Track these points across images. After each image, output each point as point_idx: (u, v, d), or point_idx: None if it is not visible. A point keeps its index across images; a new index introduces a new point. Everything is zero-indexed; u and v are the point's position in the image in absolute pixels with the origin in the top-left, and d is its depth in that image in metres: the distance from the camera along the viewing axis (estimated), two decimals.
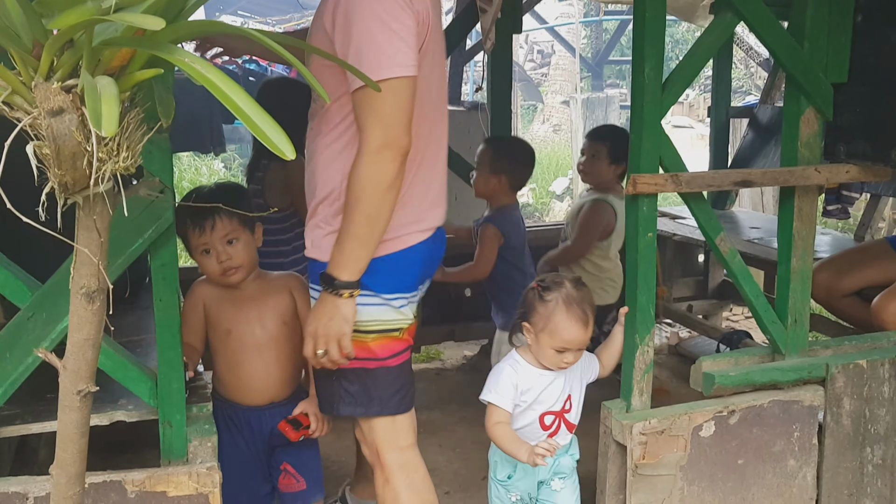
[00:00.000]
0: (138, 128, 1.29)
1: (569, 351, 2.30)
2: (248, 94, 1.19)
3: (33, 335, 1.98)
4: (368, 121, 1.95)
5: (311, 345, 2.10)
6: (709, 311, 5.02)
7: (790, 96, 2.63)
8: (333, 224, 2.09)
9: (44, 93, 1.20)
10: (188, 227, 2.31)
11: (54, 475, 1.50)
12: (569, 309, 2.27)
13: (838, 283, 3.56)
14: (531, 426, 2.40)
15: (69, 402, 1.45)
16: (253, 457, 2.49)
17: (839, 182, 3.29)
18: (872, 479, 2.75)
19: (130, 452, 3.48)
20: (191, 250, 2.38)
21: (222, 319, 2.42)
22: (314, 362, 2.14)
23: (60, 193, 1.27)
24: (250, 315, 2.43)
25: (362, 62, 1.90)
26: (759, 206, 7.42)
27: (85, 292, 1.38)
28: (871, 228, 4.63)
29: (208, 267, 2.37)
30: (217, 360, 2.46)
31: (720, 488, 2.58)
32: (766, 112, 4.97)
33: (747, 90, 14.60)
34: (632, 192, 2.41)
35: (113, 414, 2.18)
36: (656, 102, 2.40)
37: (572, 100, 12.58)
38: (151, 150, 1.91)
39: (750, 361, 2.71)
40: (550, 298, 2.29)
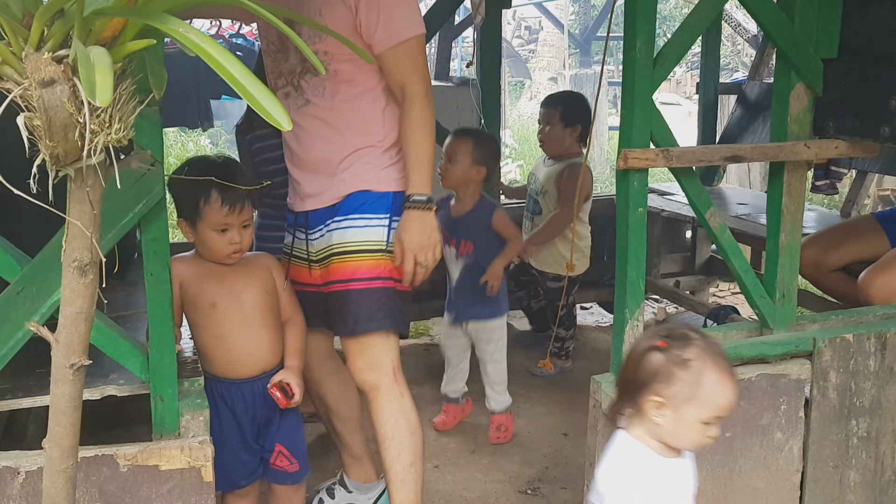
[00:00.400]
0: (130, 99, 1.27)
1: (719, 419, 1.79)
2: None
3: (23, 310, 1.97)
4: (410, 72, 2.40)
5: (412, 259, 2.41)
6: (696, 287, 5.06)
7: (780, 72, 2.63)
8: (384, 161, 2.49)
9: (34, 63, 1.18)
10: (215, 201, 2.29)
11: (47, 449, 1.50)
12: (719, 365, 1.76)
13: (825, 259, 3.59)
14: None
15: (62, 375, 1.44)
16: (247, 431, 2.50)
17: (828, 157, 3.31)
18: (857, 451, 2.79)
19: (120, 428, 3.49)
20: (198, 222, 2.33)
21: (206, 294, 2.42)
22: (410, 278, 2.44)
23: (52, 165, 1.26)
24: (235, 287, 2.44)
25: (395, 21, 2.33)
26: (746, 182, 7.45)
27: (77, 265, 1.37)
28: (857, 205, 4.66)
29: (217, 244, 2.35)
30: (202, 336, 2.46)
31: (707, 461, 2.60)
32: (755, 88, 4.98)
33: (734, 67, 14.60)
34: (623, 167, 2.41)
35: (104, 388, 2.17)
36: (647, 77, 2.40)
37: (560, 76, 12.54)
38: (141, 123, 1.88)
39: (738, 336, 2.73)
40: (692, 357, 1.75)
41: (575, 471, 3.27)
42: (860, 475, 2.81)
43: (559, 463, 3.38)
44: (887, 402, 2.79)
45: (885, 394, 2.78)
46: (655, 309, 5.17)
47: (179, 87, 5.42)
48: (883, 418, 2.80)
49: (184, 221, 2.38)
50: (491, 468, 3.34)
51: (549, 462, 3.39)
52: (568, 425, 3.68)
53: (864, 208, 6.00)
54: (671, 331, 1.82)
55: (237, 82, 1.18)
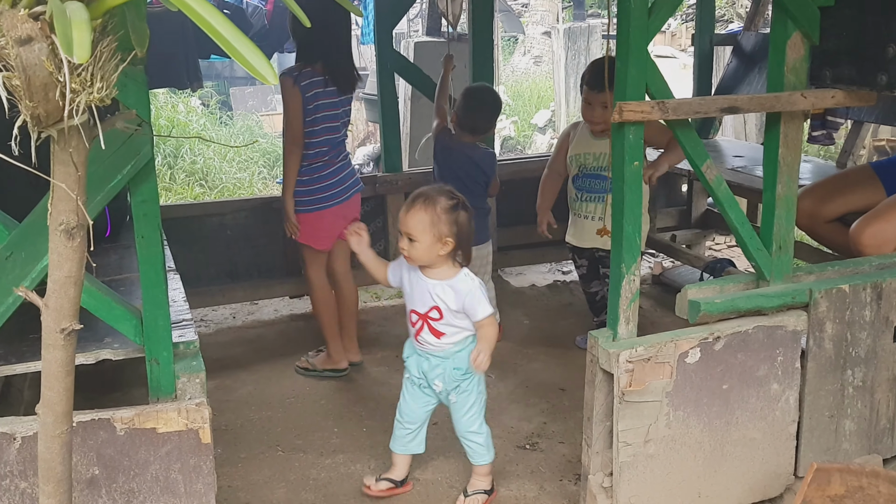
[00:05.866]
0: (112, 57, 1.24)
1: (402, 237, 2.61)
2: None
3: (12, 275, 1.95)
4: None
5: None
6: (692, 241, 5.04)
7: (777, 20, 2.59)
8: None
9: (10, 20, 1.15)
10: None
11: (41, 414, 1.49)
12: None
13: (821, 210, 3.57)
14: (406, 317, 2.76)
15: (53, 340, 1.43)
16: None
17: (825, 107, 3.28)
18: (853, 400, 2.80)
19: (117, 391, 3.50)
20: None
21: None
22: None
23: (33, 126, 1.23)
24: None
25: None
26: (741, 134, 7.41)
27: (64, 229, 1.35)
28: (853, 155, 4.63)
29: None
30: None
31: (705, 413, 2.61)
32: (750, 39, 4.92)
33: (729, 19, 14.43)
34: (618, 120, 2.38)
35: (98, 353, 2.16)
36: (642, 28, 2.35)
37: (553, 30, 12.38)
38: (126, 83, 1.85)
39: (735, 288, 2.72)
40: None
41: (573, 425, 3.29)
42: (855, 424, 2.83)
43: (556, 418, 3.39)
44: (882, 351, 2.80)
45: (880, 343, 2.79)
46: (651, 263, 5.17)
47: (166, 47, 5.33)
48: (878, 367, 2.81)
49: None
50: (489, 424, 3.33)
51: (546, 417, 3.41)
52: (565, 380, 3.69)
53: (859, 159, 5.96)
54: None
55: (224, 39, 1.15)
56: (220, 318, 4.59)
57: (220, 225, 4.37)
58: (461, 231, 2.62)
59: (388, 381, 3.67)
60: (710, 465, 2.66)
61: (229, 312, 4.65)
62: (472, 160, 3.89)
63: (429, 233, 2.58)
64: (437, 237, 2.58)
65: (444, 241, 2.59)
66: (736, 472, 2.70)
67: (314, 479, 3.00)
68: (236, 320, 4.57)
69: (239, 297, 4.46)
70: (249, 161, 8.88)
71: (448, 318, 2.66)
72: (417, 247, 2.60)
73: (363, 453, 3.15)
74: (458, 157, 3.89)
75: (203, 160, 8.60)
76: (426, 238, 2.58)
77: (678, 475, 2.62)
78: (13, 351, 2.16)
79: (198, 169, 8.47)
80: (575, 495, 2.88)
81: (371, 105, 7.83)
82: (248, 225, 4.40)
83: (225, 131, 10.21)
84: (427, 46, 6.72)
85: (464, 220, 2.64)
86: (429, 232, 2.58)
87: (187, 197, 7.76)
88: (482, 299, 2.63)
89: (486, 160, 3.94)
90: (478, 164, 3.90)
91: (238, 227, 4.40)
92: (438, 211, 2.58)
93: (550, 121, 11.34)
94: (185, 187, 8.03)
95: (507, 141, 10.80)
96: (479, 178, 3.92)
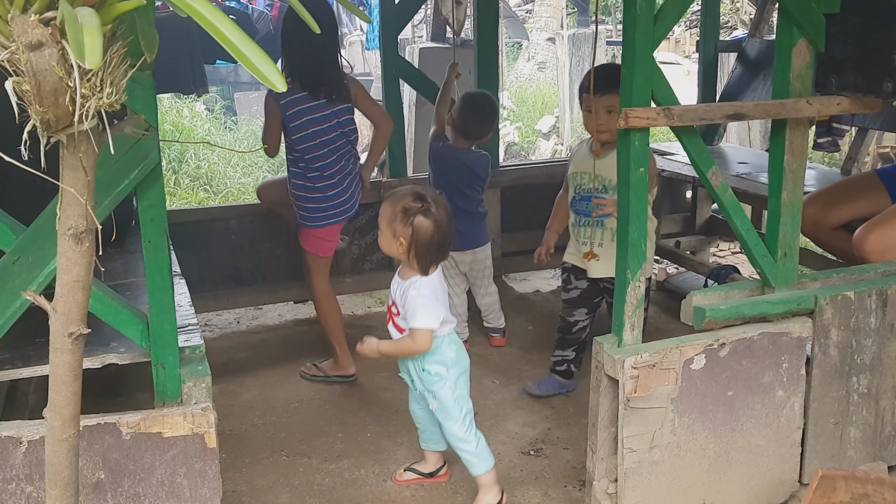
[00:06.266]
0: (121, 63, 1.24)
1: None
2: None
3: (20, 279, 1.96)
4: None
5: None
6: (696, 247, 5.04)
7: (782, 27, 2.59)
8: None
9: (21, 26, 1.15)
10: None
11: (48, 418, 1.49)
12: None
13: (826, 217, 3.57)
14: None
15: (61, 344, 1.43)
16: None
17: (830, 114, 3.27)
18: (858, 407, 2.80)
19: (123, 396, 3.50)
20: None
21: None
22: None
23: (43, 131, 1.24)
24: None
25: None
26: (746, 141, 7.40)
27: (73, 233, 1.35)
28: (857, 162, 4.63)
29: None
30: None
31: (710, 419, 2.61)
32: (755, 46, 4.92)
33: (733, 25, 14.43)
34: (623, 127, 2.38)
35: (105, 357, 2.17)
36: (648, 34, 2.36)
37: (558, 36, 12.39)
38: (135, 88, 1.85)
39: (740, 295, 2.72)
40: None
41: (577, 431, 3.29)
42: (861, 431, 2.82)
43: (561, 424, 3.39)
44: (888, 358, 2.79)
45: (885, 350, 2.78)
46: (656, 269, 5.17)
47: (173, 52, 5.35)
48: (883, 375, 2.80)
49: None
50: (494, 430, 3.35)
51: (551, 423, 3.41)
52: None
53: (864, 166, 5.96)
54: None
55: (231, 44, 1.15)
56: (224, 322, 4.60)
57: (224, 230, 4.37)
58: (418, 237, 2.62)
59: (392, 387, 3.67)
60: (715, 471, 2.66)
61: (234, 317, 4.66)
62: (466, 165, 3.91)
63: (387, 228, 2.66)
64: (392, 234, 2.65)
65: (398, 239, 2.63)
66: (741, 478, 2.70)
67: (318, 485, 3.00)
68: (241, 325, 4.58)
69: (243, 301, 4.46)
70: (254, 166, 8.89)
71: (404, 316, 2.71)
72: (381, 238, 2.71)
73: (367, 458, 3.15)
74: (451, 161, 3.91)
75: (207, 165, 8.62)
76: (386, 232, 2.67)
77: (683, 482, 2.62)
78: (19, 355, 2.16)
79: (202, 174, 8.48)
80: (579, 501, 2.87)
81: None
82: (253, 230, 4.40)
83: (229, 136, 10.23)
84: (432, 52, 6.73)
85: (423, 227, 2.61)
86: (387, 227, 2.66)
87: (192, 202, 7.77)
88: (424, 310, 2.62)
89: (480, 163, 3.95)
90: (471, 169, 3.91)
91: (242, 232, 4.40)
92: (398, 210, 2.64)
93: (554, 127, 11.34)
94: (189, 192, 8.04)
95: (511, 147, 10.79)
96: (474, 183, 3.94)
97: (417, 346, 2.65)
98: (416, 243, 2.62)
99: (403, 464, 3.07)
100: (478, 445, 2.79)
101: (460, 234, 3.89)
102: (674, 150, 4.85)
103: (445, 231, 2.65)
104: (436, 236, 2.63)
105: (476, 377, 3.78)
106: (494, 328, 4.17)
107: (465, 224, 3.91)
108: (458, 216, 3.89)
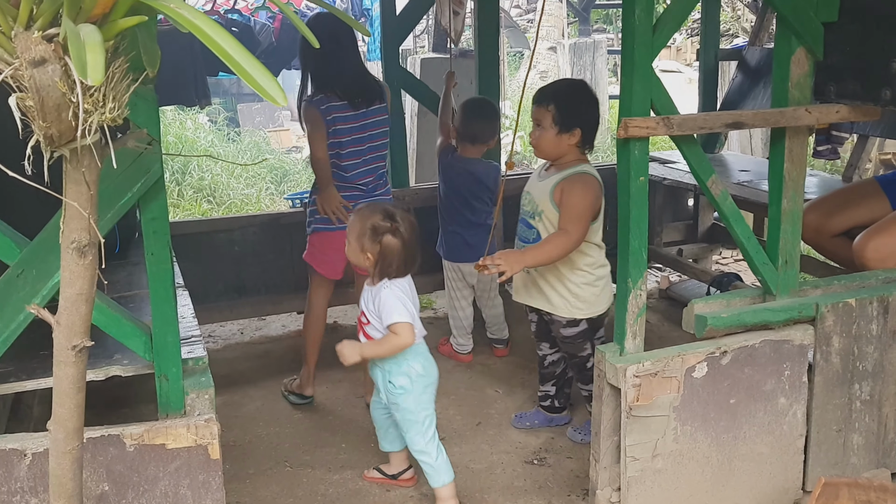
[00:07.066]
0: (124, 78, 1.26)
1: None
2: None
3: (24, 292, 1.97)
4: None
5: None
6: (698, 255, 5.04)
7: (781, 36, 2.61)
8: None
9: (24, 42, 1.17)
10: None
11: (52, 430, 1.50)
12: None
13: (827, 224, 3.57)
14: None
15: (64, 357, 1.44)
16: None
17: (829, 122, 3.28)
18: (861, 414, 2.80)
19: (126, 408, 3.51)
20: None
21: None
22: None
23: (46, 146, 1.25)
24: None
25: None
26: (747, 149, 7.42)
27: (76, 247, 1.36)
28: (858, 169, 4.63)
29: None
30: None
31: (712, 427, 2.61)
32: (755, 54, 4.93)
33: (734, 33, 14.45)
34: (623, 136, 2.40)
35: (108, 369, 2.18)
36: (647, 44, 2.37)
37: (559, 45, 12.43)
38: (137, 102, 1.87)
39: (741, 303, 2.73)
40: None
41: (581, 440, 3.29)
42: (863, 438, 2.82)
43: (564, 433, 3.39)
44: (890, 365, 2.79)
45: (887, 357, 2.78)
46: (658, 277, 5.17)
47: (175, 65, 5.36)
48: (886, 381, 2.80)
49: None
50: (497, 439, 3.35)
51: (554, 432, 3.41)
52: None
53: (865, 173, 5.96)
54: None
55: (231, 59, 1.17)
56: (227, 333, 4.61)
57: (227, 241, 4.39)
58: (385, 254, 2.70)
59: None
60: (718, 479, 2.66)
61: (237, 328, 4.67)
62: (475, 175, 3.90)
63: (355, 241, 2.74)
64: (360, 248, 2.73)
65: (366, 254, 2.73)
66: (744, 486, 2.70)
67: (322, 495, 3.00)
68: (244, 336, 4.59)
69: (247, 312, 4.47)
70: (257, 177, 8.91)
71: (375, 324, 2.74)
72: (348, 247, 2.79)
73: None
74: (460, 173, 3.91)
75: (211, 176, 8.64)
76: (353, 244, 2.75)
77: (686, 490, 2.62)
78: (23, 367, 2.17)
79: (205, 185, 8.51)
80: None
81: None
82: (256, 241, 4.41)
83: (232, 148, 10.26)
84: (433, 63, 6.76)
85: (391, 245, 2.70)
86: (355, 240, 2.74)
87: (195, 213, 7.79)
88: (394, 307, 2.67)
89: (489, 174, 3.95)
90: (480, 180, 3.91)
91: (246, 244, 4.41)
92: (367, 226, 2.71)
93: None
94: (192, 204, 8.07)
95: (514, 156, 10.82)
96: (483, 194, 3.93)
97: (401, 339, 2.67)
98: (382, 260, 2.71)
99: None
100: (437, 458, 2.80)
101: (468, 246, 3.91)
102: (675, 159, 4.86)
103: (412, 249, 2.74)
104: (403, 254, 2.72)
105: (479, 387, 3.80)
106: (498, 339, 4.17)
107: (473, 235, 3.91)
108: (466, 227, 3.92)
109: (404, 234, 2.70)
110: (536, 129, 3.04)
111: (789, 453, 2.74)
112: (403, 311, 2.67)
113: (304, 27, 1.31)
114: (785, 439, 2.72)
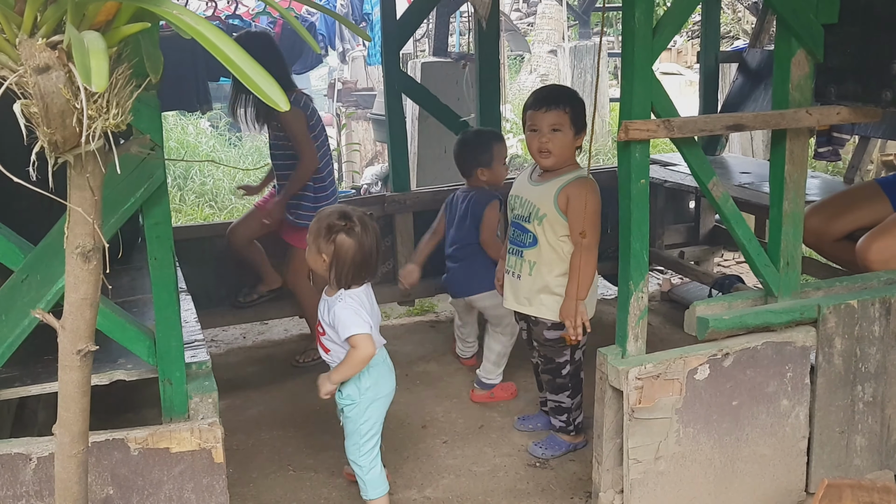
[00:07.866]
0: (127, 84, 1.27)
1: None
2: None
3: (28, 297, 1.98)
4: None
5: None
6: (700, 257, 5.05)
7: (781, 38, 2.61)
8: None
9: (29, 49, 1.18)
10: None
11: (57, 435, 1.51)
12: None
13: (829, 227, 3.57)
14: None
15: (69, 361, 1.45)
16: None
17: (830, 124, 3.29)
18: (863, 416, 2.80)
19: (130, 412, 3.52)
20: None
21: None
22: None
23: (51, 152, 1.26)
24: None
25: None
26: (748, 151, 7.42)
27: (80, 252, 1.37)
28: (860, 171, 4.63)
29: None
30: None
31: (715, 429, 2.61)
32: (756, 56, 4.94)
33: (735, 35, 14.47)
34: (624, 139, 2.40)
35: (112, 373, 2.18)
36: (647, 47, 2.38)
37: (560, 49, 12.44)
38: (140, 108, 1.88)
39: (743, 305, 2.73)
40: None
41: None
42: (866, 439, 2.82)
43: None
44: (892, 366, 2.79)
45: (890, 358, 2.79)
46: (660, 280, 5.17)
47: (177, 70, 5.39)
48: (888, 383, 2.80)
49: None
50: (499, 442, 3.36)
51: None
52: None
53: (867, 174, 5.96)
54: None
55: (233, 64, 1.17)
56: (230, 338, 4.62)
57: (230, 246, 4.39)
58: (338, 255, 2.59)
59: (397, 400, 3.63)
60: (721, 481, 2.66)
61: (239, 332, 4.67)
62: (466, 202, 3.74)
63: (313, 243, 2.64)
64: (317, 249, 2.63)
65: (321, 255, 2.63)
66: (746, 488, 2.70)
67: (326, 499, 3.01)
68: (247, 340, 4.59)
69: (249, 317, 4.47)
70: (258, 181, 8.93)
71: (330, 335, 2.66)
72: (308, 252, 2.69)
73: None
74: (457, 201, 3.80)
75: (213, 181, 8.66)
76: (312, 247, 2.65)
77: (689, 492, 2.62)
78: (28, 372, 2.18)
79: (207, 190, 8.52)
80: None
81: (379, 125, 7.88)
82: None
83: (234, 152, 10.27)
84: (434, 67, 6.77)
85: (344, 245, 2.58)
86: (313, 242, 2.64)
87: (197, 218, 7.80)
88: (353, 317, 2.56)
89: (474, 200, 3.71)
90: (468, 207, 3.72)
91: None
92: (322, 226, 2.62)
93: None
94: (194, 209, 8.08)
95: (514, 160, 10.82)
96: (471, 223, 3.70)
97: (362, 351, 2.57)
98: (336, 261, 2.60)
99: (409, 477, 3.08)
100: (369, 473, 2.73)
101: (456, 281, 3.79)
102: (676, 161, 4.87)
103: (368, 252, 2.61)
104: (357, 256, 2.60)
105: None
106: (480, 378, 3.72)
107: (459, 270, 3.76)
108: (454, 260, 3.79)
109: (360, 234, 2.58)
110: (553, 133, 2.94)
111: (792, 455, 2.74)
112: (360, 321, 2.56)
113: (305, 32, 1.32)
114: (788, 441, 2.72)
